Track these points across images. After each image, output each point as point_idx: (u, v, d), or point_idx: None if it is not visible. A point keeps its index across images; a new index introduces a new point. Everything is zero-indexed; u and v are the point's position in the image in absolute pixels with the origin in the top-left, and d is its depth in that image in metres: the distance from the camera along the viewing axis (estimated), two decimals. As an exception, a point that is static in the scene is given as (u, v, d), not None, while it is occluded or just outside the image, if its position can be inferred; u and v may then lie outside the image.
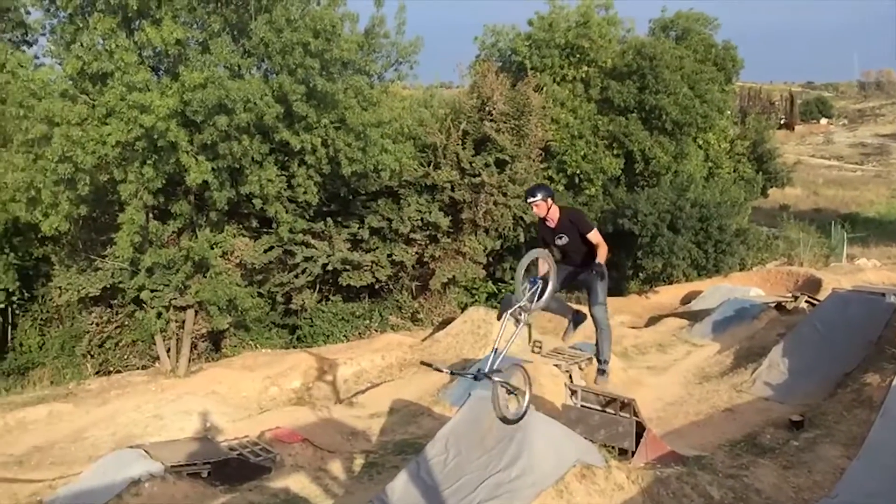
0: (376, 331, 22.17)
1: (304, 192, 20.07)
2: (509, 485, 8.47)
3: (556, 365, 14.98)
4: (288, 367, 17.27)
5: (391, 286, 23.62)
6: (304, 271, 21.70)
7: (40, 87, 16.43)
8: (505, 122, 23.45)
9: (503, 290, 24.90)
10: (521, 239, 23.64)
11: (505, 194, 22.97)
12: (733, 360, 16.53)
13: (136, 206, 17.58)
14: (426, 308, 23.56)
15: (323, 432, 13.13)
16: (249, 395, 16.45)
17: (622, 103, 27.86)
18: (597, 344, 8.00)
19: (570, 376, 14.87)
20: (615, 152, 27.79)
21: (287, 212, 20.35)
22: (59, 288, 20.29)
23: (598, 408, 11.51)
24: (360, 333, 22.30)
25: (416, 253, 23.04)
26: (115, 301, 20.96)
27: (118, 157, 16.95)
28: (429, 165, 22.77)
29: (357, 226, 22.35)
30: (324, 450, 12.42)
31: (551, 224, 7.28)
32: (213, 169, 17.52)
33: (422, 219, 22.50)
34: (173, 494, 10.30)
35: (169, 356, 20.09)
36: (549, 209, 7.20)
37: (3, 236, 20.55)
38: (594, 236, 7.23)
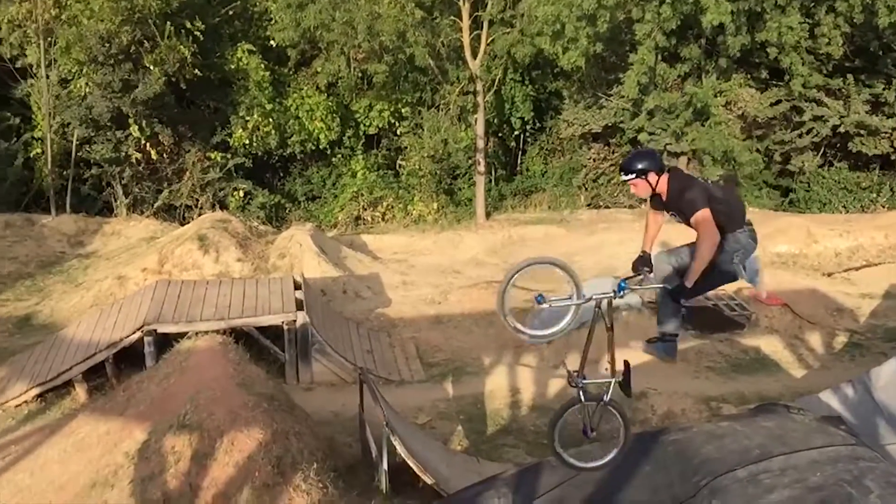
0: (883, 206, 19.74)
1: (828, 43, 18.15)
2: None
3: None
4: (775, 229, 16.40)
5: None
6: (809, 131, 19.94)
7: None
8: None
9: None
10: None
11: None
12: None
13: (649, 46, 17.70)
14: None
15: (805, 301, 12.50)
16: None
17: None
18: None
19: None
20: None
21: (803, 63, 18.63)
22: (566, 122, 21.84)
23: None
24: (862, 206, 20.10)
25: (956, 125, 19.48)
26: (613, 140, 21.88)
27: (638, -7, 17.11)
28: None
29: (882, 86, 19.53)
30: (804, 319, 11.88)
31: (663, 197, 5.39)
32: (731, 11, 16.60)
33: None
34: (647, 327, 10.79)
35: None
36: (654, 187, 5.29)
37: (525, 68, 22.45)
38: (697, 221, 5.09)
